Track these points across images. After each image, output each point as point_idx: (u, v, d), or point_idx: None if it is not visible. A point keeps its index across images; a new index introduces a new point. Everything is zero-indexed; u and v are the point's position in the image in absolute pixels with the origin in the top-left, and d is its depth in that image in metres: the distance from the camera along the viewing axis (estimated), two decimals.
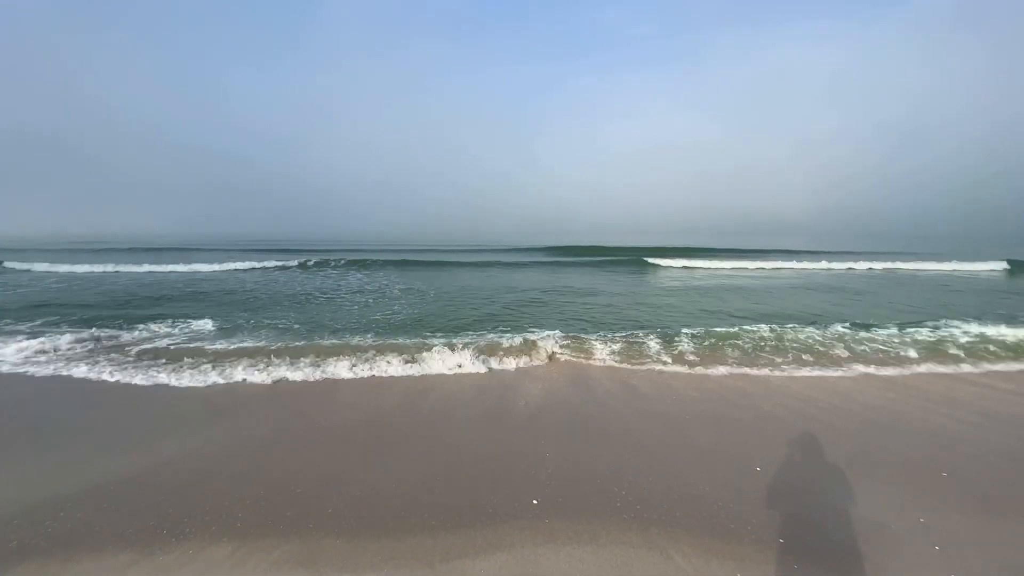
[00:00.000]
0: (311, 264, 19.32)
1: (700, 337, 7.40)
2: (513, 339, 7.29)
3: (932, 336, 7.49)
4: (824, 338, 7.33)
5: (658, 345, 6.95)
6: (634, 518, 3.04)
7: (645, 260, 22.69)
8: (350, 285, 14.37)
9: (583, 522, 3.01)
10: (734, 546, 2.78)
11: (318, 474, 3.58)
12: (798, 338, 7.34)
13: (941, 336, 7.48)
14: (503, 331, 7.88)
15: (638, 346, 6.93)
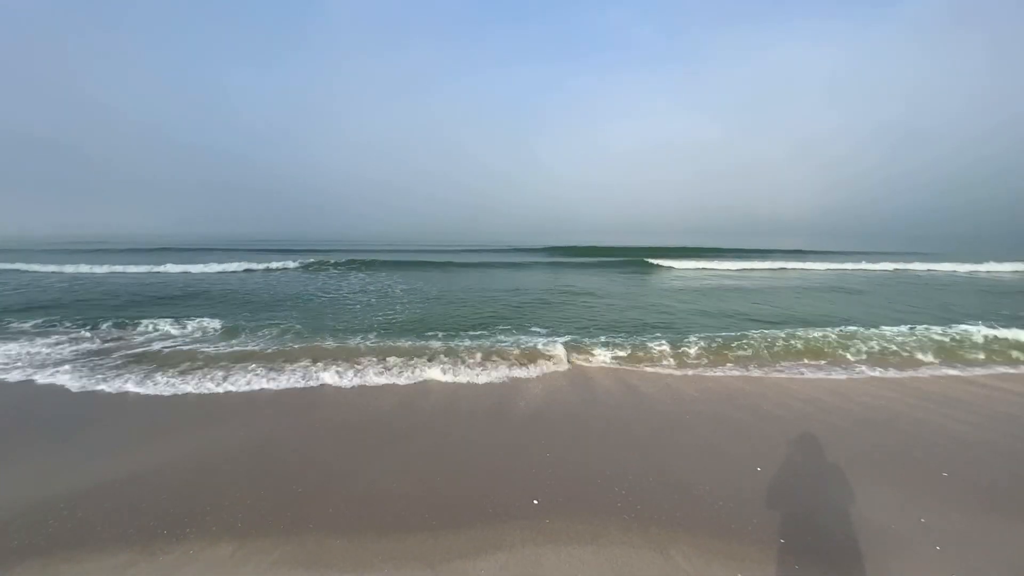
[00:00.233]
0: (313, 264, 19.33)
1: (700, 337, 7.44)
2: (516, 339, 7.33)
3: (934, 337, 7.49)
4: (825, 338, 7.32)
5: (659, 346, 6.95)
6: (635, 518, 3.04)
7: (646, 261, 22.66)
8: (352, 286, 14.36)
9: (584, 522, 3.00)
10: (735, 546, 2.78)
11: (318, 474, 3.58)
12: (798, 338, 7.34)
13: (941, 337, 7.48)
14: (504, 330, 7.89)
15: (638, 347, 6.93)
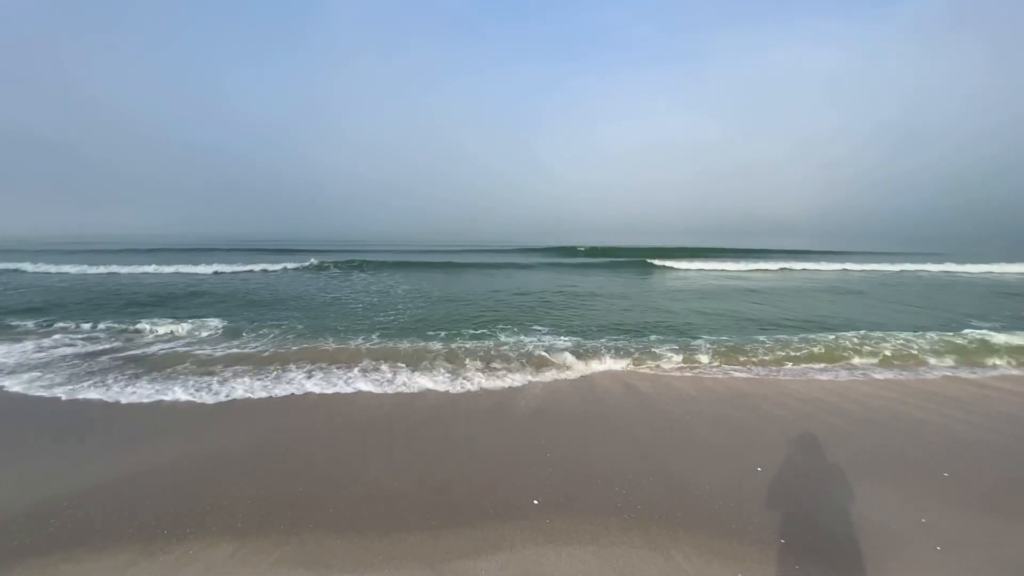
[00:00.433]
0: (314, 266, 19.33)
1: (700, 338, 7.47)
2: (518, 338, 7.41)
3: (934, 338, 7.49)
4: (825, 339, 7.33)
5: (659, 346, 6.97)
6: (635, 518, 3.04)
7: (648, 262, 22.64)
8: (354, 286, 14.36)
9: (584, 522, 3.00)
10: (736, 546, 2.78)
11: (318, 474, 3.58)
12: (799, 339, 7.35)
13: (942, 339, 7.48)
14: (507, 331, 7.91)
15: (639, 347, 6.94)
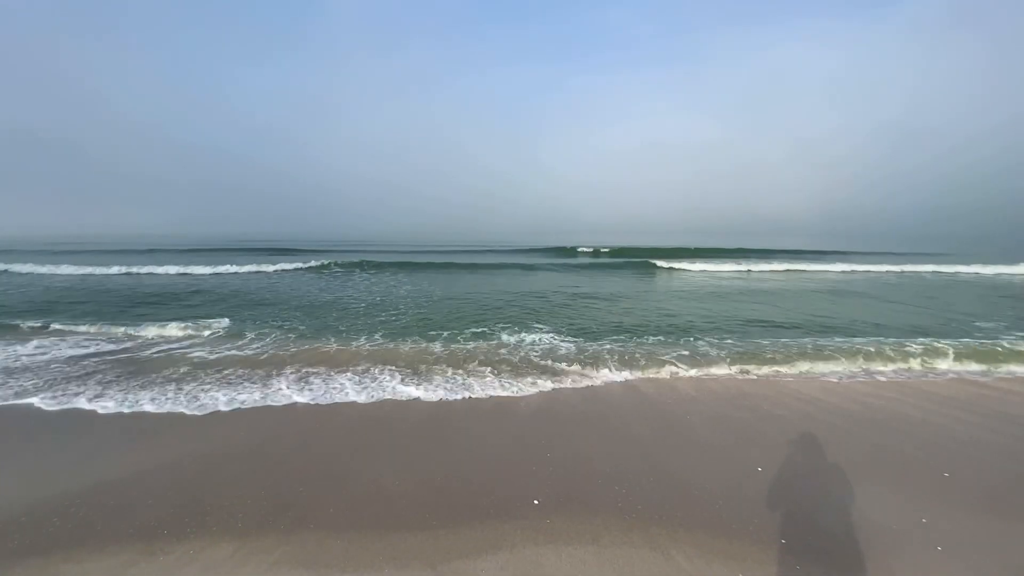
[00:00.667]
0: (315, 267, 19.33)
1: (699, 338, 7.46)
2: (519, 336, 7.49)
3: (935, 338, 7.49)
4: (825, 340, 7.33)
5: (659, 347, 6.97)
6: (636, 518, 3.04)
7: (649, 262, 22.60)
8: (356, 286, 14.34)
9: (584, 522, 3.00)
10: (736, 546, 2.78)
11: (318, 474, 3.58)
12: (800, 339, 7.35)
13: (943, 339, 7.47)
14: (509, 331, 7.91)
15: (639, 347, 6.94)
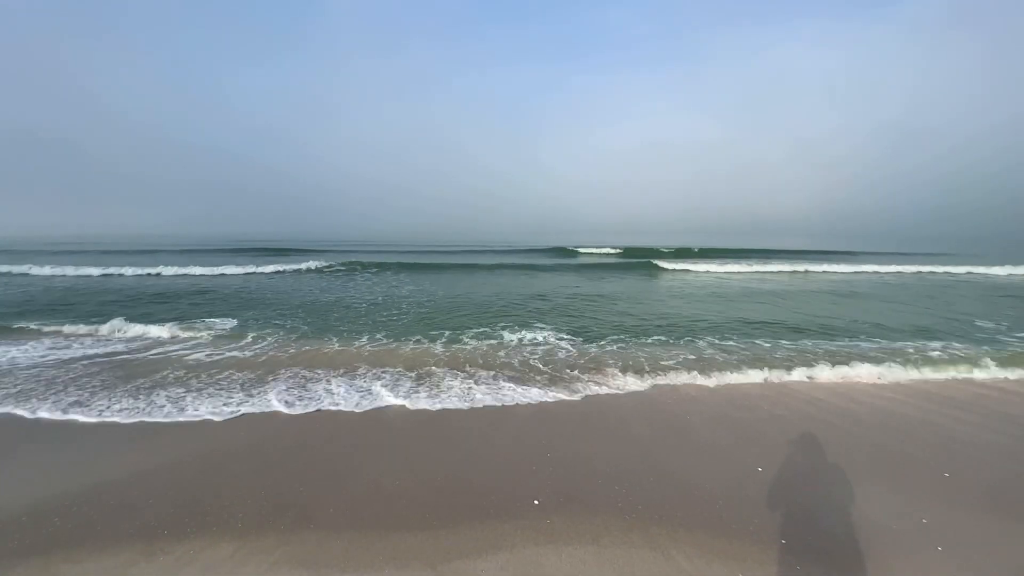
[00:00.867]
0: (316, 267, 19.33)
1: (699, 339, 7.46)
2: (520, 335, 7.56)
3: (934, 339, 7.49)
4: (825, 340, 7.33)
5: (659, 347, 6.97)
6: (636, 518, 3.04)
7: (650, 263, 22.60)
8: (358, 286, 14.34)
9: (584, 522, 3.00)
10: (736, 546, 2.78)
11: (318, 474, 3.58)
12: (800, 340, 7.35)
13: (943, 339, 7.48)
14: (508, 327, 7.92)
15: (640, 348, 6.94)
